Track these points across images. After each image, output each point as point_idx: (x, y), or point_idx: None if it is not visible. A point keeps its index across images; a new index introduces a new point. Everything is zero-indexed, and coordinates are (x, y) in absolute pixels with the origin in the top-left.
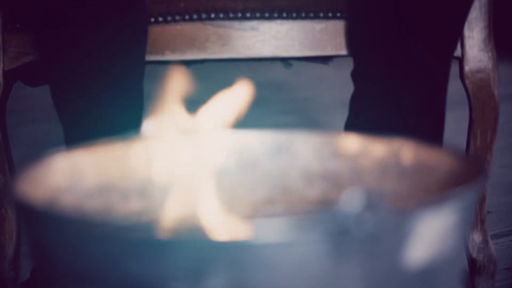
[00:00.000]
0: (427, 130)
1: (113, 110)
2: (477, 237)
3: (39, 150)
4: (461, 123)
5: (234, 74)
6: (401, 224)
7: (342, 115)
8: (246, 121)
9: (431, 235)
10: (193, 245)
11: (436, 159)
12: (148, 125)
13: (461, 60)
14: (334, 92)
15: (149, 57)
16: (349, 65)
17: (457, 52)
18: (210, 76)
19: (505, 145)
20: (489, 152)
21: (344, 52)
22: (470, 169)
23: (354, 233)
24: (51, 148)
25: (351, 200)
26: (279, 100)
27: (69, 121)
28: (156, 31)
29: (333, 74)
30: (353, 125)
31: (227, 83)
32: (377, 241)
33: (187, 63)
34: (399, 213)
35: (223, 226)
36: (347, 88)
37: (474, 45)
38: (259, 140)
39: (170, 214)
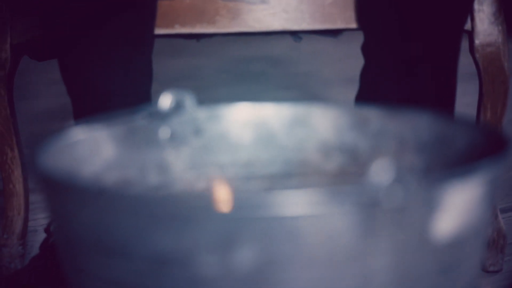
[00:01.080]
0: (438, 103)
1: (122, 84)
2: None
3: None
4: (471, 97)
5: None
6: (430, 195)
7: (343, 90)
8: (246, 96)
9: (459, 206)
10: (221, 218)
11: (455, 132)
12: (165, 99)
13: (471, 34)
14: (334, 66)
15: (158, 31)
16: (349, 39)
17: (467, 26)
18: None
19: None
20: (499, 126)
21: (354, 25)
22: (490, 141)
23: (383, 205)
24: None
25: (380, 172)
26: (279, 74)
27: (78, 95)
28: (165, 5)
29: (333, 48)
30: (363, 98)
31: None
32: (406, 213)
33: (196, 37)
34: (429, 185)
35: (249, 198)
36: (348, 62)
37: (484, 19)
38: (276, 113)
39: (194, 188)
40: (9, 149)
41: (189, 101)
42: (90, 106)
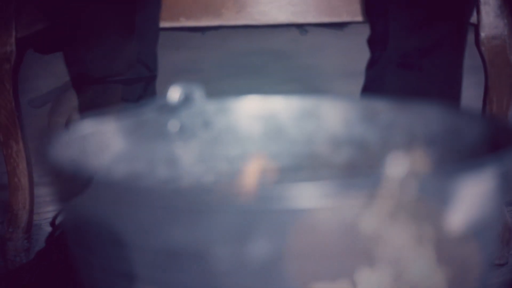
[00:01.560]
0: (444, 97)
1: (128, 77)
2: None
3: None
4: (476, 90)
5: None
6: (442, 188)
7: (345, 83)
8: (248, 90)
9: (473, 198)
10: (236, 211)
11: (464, 124)
12: (174, 92)
13: (477, 27)
14: (336, 60)
15: (164, 24)
16: (351, 32)
17: (473, 19)
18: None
19: None
20: (506, 119)
21: (359, 18)
22: (500, 134)
23: (397, 198)
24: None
25: (395, 164)
26: (281, 68)
27: (82, 89)
28: None
29: (336, 42)
30: (369, 92)
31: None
32: (420, 205)
33: (201, 30)
34: (441, 178)
35: (264, 190)
36: (350, 56)
37: (490, 12)
38: (285, 106)
39: (207, 180)
40: (14, 142)
41: (198, 94)
42: (95, 99)
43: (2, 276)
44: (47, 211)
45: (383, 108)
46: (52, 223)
